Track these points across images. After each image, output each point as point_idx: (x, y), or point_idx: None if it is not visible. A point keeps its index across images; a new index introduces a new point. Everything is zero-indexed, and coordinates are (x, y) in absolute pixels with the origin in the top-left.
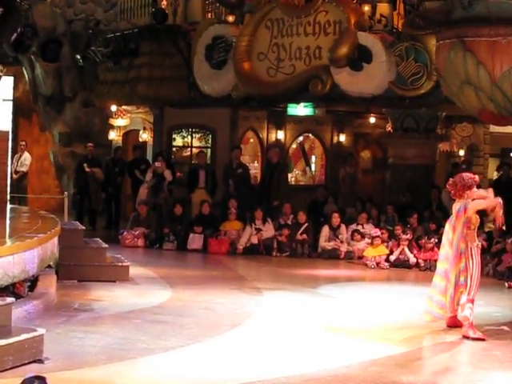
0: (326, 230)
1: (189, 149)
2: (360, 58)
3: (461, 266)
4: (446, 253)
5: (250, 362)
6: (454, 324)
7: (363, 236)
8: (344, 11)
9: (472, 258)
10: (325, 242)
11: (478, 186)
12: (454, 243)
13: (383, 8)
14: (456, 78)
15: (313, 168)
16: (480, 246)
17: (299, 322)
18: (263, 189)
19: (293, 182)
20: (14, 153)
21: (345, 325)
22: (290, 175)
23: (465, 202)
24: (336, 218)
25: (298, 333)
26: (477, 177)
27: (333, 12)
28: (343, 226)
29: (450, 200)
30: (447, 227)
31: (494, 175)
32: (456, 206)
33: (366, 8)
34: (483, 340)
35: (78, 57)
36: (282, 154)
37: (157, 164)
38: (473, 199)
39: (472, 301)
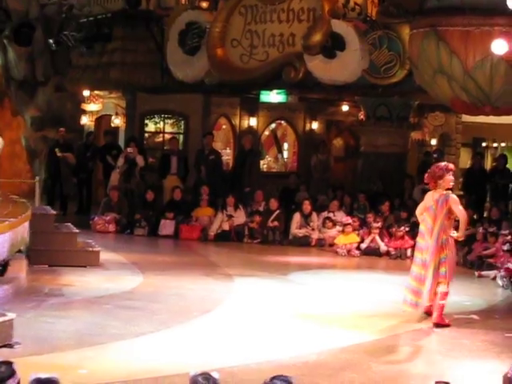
0: (297, 217)
1: (161, 135)
2: (333, 45)
3: (441, 256)
4: (426, 243)
5: (220, 348)
6: (430, 312)
7: (335, 223)
8: None
9: (451, 249)
10: (296, 229)
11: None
12: (435, 234)
13: None
14: (429, 67)
15: (285, 155)
16: (454, 235)
17: (270, 309)
18: (235, 175)
19: (265, 169)
20: None
21: (316, 312)
22: (262, 162)
23: (445, 193)
24: (307, 206)
25: (268, 319)
26: (451, 165)
27: None
28: (314, 214)
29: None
30: (426, 215)
31: (468, 165)
32: (434, 196)
33: None
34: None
35: (51, 41)
36: (255, 140)
37: (129, 150)
38: (447, 189)
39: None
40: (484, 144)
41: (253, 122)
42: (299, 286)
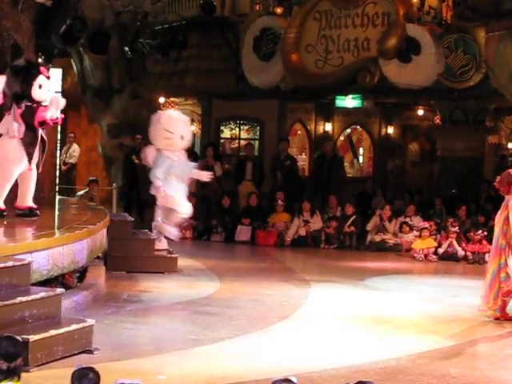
0: (374, 223)
1: (236, 141)
2: (408, 49)
3: (500, 262)
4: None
5: (298, 353)
6: (502, 316)
7: (411, 228)
8: (393, 3)
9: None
10: (373, 234)
11: None
12: (494, 238)
13: (432, 0)
14: (505, 70)
15: (360, 160)
16: None
17: (347, 314)
18: (314, 181)
19: None
20: (62, 144)
21: (393, 317)
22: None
23: (507, 197)
24: (387, 211)
25: (345, 325)
26: None
27: (381, 4)
28: (392, 219)
29: None
30: (496, 220)
31: None
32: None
33: (415, 0)
34: None
35: (127, 49)
36: (335, 146)
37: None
38: None
39: None
40: None
41: (328, 127)
42: (376, 292)
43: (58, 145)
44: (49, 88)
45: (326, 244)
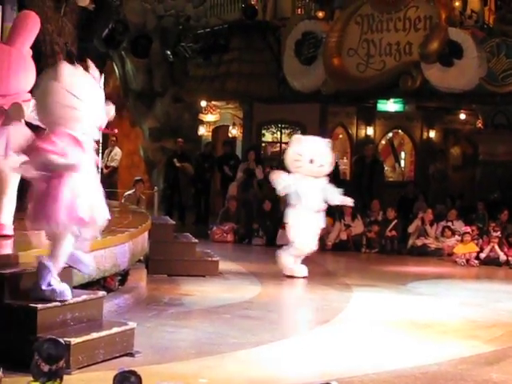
0: (415, 225)
1: (278, 144)
2: (451, 53)
3: None
4: None
5: (339, 357)
6: None
7: (453, 233)
8: (435, 6)
9: None
10: (414, 238)
11: None
12: None
13: (474, 3)
14: None
15: (402, 164)
16: None
17: (388, 319)
18: (355, 185)
19: None
20: (104, 148)
21: (434, 322)
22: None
23: None
24: (429, 215)
25: (387, 329)
26: None
27: (423, 7)
28: (434, 223)
29: None
30: None
31: None
32: None
33: (457, 3)
34: None
35: (168, 52)
36: (376, 150)
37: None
38: None
39: None
40: None
41: (370, 131)
42: (417, 296)
43: (100, 148)
44: None
45: (367, 248)
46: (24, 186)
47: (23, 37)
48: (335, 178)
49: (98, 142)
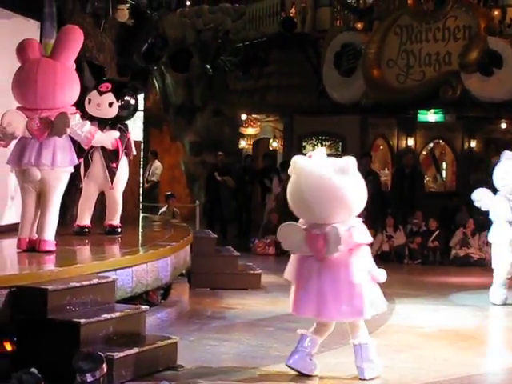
0: (458, 237)
1: None
2: (490, 63)
3: None
4: None
5: (382, 369)
6: None
7: None
8: (473, 16)
9: None
10: (457, 249)
11: None
12: None
13: None
14: None
15: (443, 175)
16: None
17: (431, 330)
18: (395, 196)
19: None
20: (145, 162)
21: (478, 332)
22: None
23: None
24: (471, 225)
25: (430, 340)
26: None
27: (462, 17)
28: (476, 233)
29: None
30: None
31: None
32: None
33: (496, 12)
34: None
35: (208, 66)
36: (415, 160)
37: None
38: None
39: None
40: None
41: (410, 141)
42: (461, 307)
43: (141, 163)
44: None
45: (409, 259)
46: (66, 201)
47: (68, 50)
48: (377, 189)
49: (138, 156)
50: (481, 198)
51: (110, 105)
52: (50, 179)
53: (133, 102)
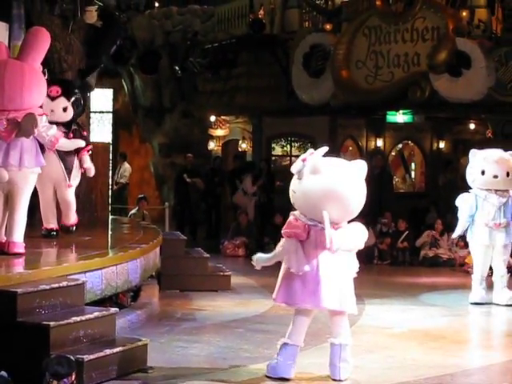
0: (427, 238)
1: (288, 158)
2: (459, 64)
3: None
4: None
5: (352, 370)
6: None
7: (466, 243)
8: (442, 17)
9: None
10: (426, 249)
11: None
12: None
13: (481, 13)
14: None
15: (412, 175)
16: None
17: (401, 330)
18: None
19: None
20: (114, 164)
21: (447, 332)
22: None
23: None
24: (439, 225)
25: (399, 340)
26: None
27: (430, 18)
28: (445, 234)
29: None
30: None
31: None
32: None
33: (464, 13)
34: None
35: (177, 68)
36: (384, 161)
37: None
38: None
39: None
40: None
41: (379, 142)
42: (430, 307)
43: (110, 165)
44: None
45: (379, 260)
46: (35, 202)
47: (35, 52)
48: None
49: (107, 158)
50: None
51: (65, 109)
52: (17, 180)
53: (82, 100)
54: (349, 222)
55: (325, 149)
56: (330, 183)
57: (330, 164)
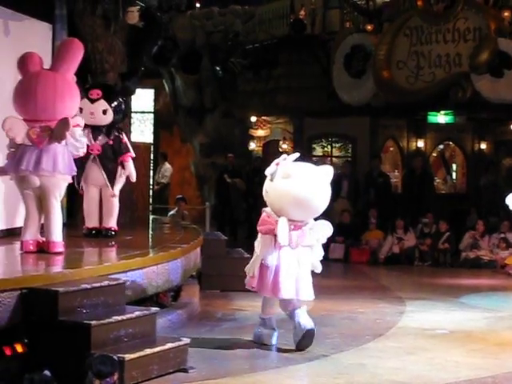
0: (468, 239)
1: (329, 158)
2: (501, 64)
3: None
4: None
5: (392, 371)
6: None
7: (509, 245)
8: (484, 17)
9: None
10: (467, 251)
11: None
12: None
13: None
14: None
15: (454, 176)
16: None
17: (442, 332)
18: (406, 198)
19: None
20: (155, 164)
21: (489, 335)
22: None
23: None
24: (480, 226)
25: (441, 342)
26: None
27: (472, 19)
28: (486, 235)
29: None
30: None
31: None
32: None
33: (506, 14)
34: None
35: (218, 68)
36: (424, 162)
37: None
38: None
39: None
40: None
41: (420, 143)
42: (471, 309)
43: (151, 165)
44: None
45: (419, 261)
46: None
47: (68, 63)
48: (387, 191)
49: (148, 158)
50: None
51: (104, 112)
52: (48, 186)
53: (124, 105)
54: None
55: (296, 155)
56: (297, 189)
57: (299, 170)
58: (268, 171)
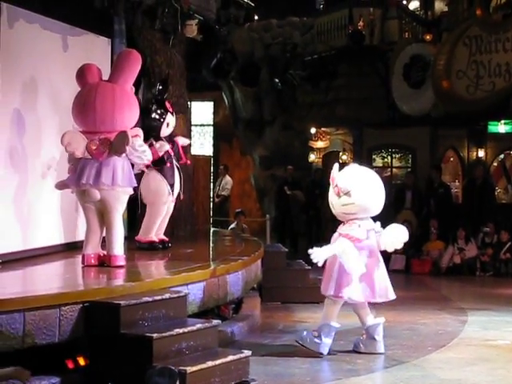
0: None
1: (389, 169)
2: None
3: None
4: None
5: (455, 383)
6: None
7: None
8: None
9: None
10: None
11: None
12: None
13: None
14: None
15: None
16: None
17: (504, 342)
18: (466, 208)
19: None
20: (215, 177)
21: None
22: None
23: None
24: None
25: (503, 353)
26: None
27: None
28: None
29: None
30: None
31: None
32: None
33: None
34: None
35: (277, 80)
36: (485, 172)
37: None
38: None
39: None
40: None
41: (481, 153)
42: None
43: (212, 177)
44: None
45: (481, 272)
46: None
47: (126, 74)
48: (448, 201)
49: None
50: None
51: (167, 124)
52: (109, 199)
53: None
54: None
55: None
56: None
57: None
58: (343, 189)
